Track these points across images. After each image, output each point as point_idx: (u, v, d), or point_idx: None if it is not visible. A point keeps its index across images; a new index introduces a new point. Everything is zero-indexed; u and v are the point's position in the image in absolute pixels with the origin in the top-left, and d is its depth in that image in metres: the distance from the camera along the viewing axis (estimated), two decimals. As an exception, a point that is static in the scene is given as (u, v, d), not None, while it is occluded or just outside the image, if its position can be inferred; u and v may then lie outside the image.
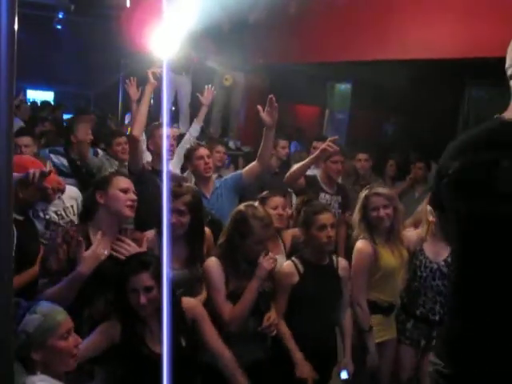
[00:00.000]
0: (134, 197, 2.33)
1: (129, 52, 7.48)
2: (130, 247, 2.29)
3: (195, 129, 4.55)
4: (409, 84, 6.62)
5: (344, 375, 2.75)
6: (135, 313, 2.07)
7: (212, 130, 6.87)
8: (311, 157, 3.68)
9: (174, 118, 7.03)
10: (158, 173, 3.35)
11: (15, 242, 2.11)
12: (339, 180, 4.27)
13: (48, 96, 12.25)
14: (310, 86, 8.06)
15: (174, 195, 2.49)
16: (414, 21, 5.15)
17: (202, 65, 6.77)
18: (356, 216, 2.99)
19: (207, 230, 2.73)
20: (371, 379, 3.08)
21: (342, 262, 2.83)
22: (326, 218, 2.66)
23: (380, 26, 5.37)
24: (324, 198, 4.01)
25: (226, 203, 3.26)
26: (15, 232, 2.14)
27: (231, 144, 6.81)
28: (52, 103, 10.45)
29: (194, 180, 3.57)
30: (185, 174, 3.90)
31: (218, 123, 7.06)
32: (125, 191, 2.31)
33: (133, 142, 3.31)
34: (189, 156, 3.51)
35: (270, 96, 3.06)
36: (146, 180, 3.19)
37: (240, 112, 7.13)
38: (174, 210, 2.48)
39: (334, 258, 2.82)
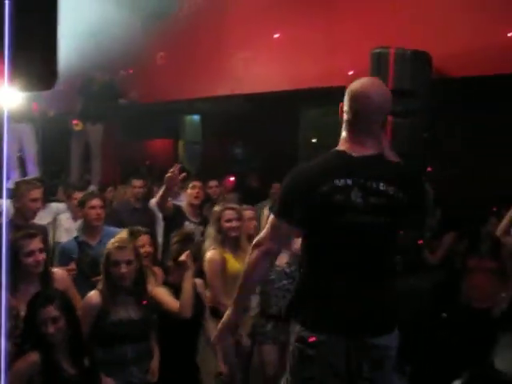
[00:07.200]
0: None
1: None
2: None
3: None
4: (251, 113, 7.31)
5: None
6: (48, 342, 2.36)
7: (73, 178, 6.92)
8: (163, 188, 3.97)
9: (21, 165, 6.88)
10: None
11: None
12: (198, 202, 4.50)
13: None
14: (162, 121, 8.41)
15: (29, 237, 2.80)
16: (246, 59, 5.78)
17: (46, 113, 6.77)
18: (210, 229, 3.47)
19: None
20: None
21: None
22: None
23: (214, 65, 5.95)
24: (189, 226, 4.29)
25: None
26: None
27: (92, 187, 6.86)
28: None
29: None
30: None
31: (79, 170, 7.19)
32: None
33: None
34: (82, 204, 3.72)
35: None
36: None
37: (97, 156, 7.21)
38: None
39: None
